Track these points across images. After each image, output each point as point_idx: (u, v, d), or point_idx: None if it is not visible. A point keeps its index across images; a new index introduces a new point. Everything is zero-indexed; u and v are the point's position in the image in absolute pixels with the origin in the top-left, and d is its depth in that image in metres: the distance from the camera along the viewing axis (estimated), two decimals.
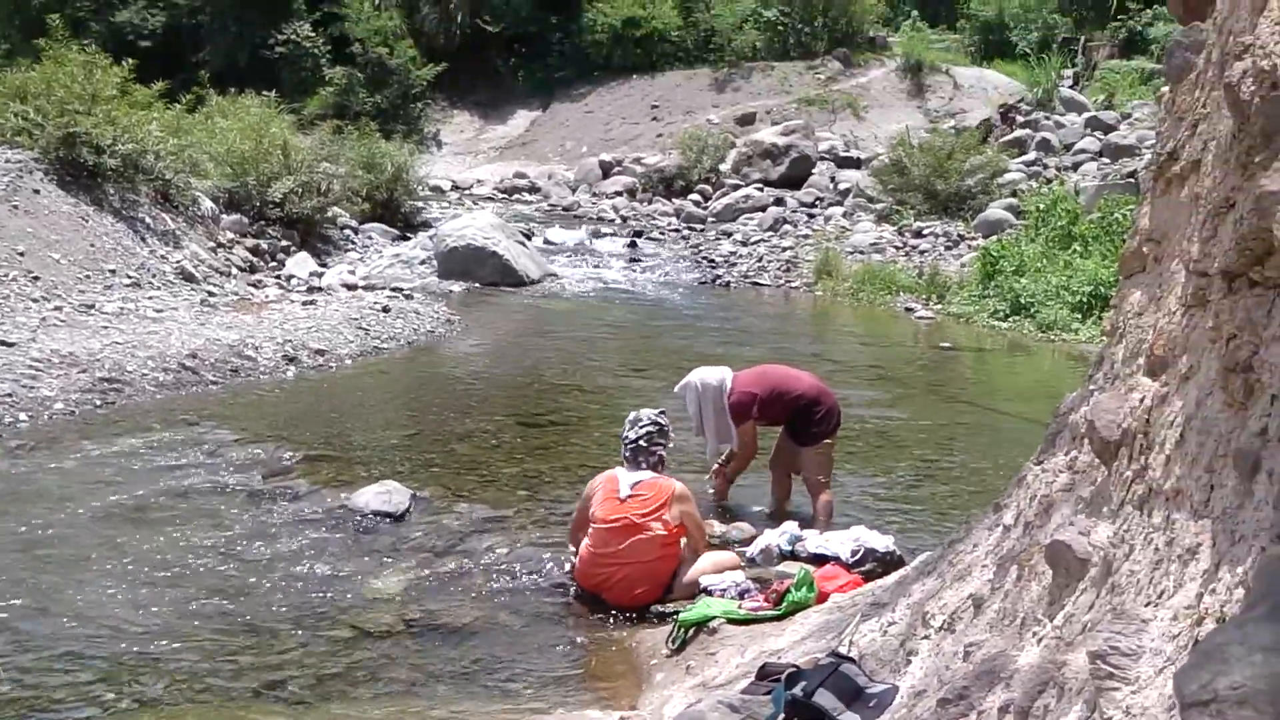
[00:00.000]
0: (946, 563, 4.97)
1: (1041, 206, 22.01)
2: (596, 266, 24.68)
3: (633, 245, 26.86)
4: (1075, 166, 28.22)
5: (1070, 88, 36.04)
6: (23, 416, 11.62)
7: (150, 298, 16.44)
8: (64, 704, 6.24)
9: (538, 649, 7.24)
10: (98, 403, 12.32)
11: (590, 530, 7.99)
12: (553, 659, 7.13)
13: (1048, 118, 32.80)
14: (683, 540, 7.97)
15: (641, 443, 8.10)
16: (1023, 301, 19.03)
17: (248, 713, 6.22)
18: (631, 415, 8.34)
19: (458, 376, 15.10)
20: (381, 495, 9.40)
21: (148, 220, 18.53)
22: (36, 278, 15.32)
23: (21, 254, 15.56)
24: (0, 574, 7.92)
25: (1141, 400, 3.39)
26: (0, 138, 18.99)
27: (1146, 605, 2.87)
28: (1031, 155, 29.97)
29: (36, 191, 17.01)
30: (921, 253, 24.53)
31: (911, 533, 9.07)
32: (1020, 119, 33.26)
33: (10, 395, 11.87)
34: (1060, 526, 3.74)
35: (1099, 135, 30.14)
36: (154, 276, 17.29)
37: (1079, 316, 18.20)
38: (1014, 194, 25.98)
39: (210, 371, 13.65)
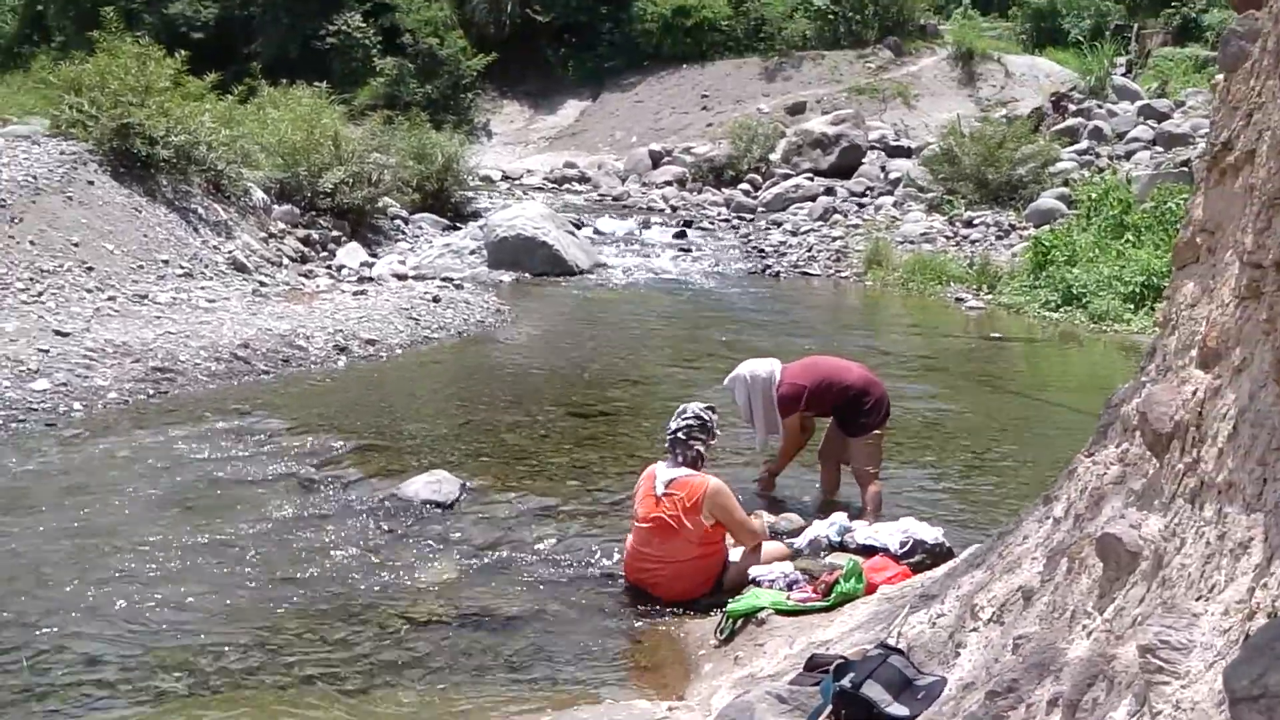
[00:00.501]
0: (996, 555, 4.95)
1: (1094, 196, 21.81)
2: (646, 256, 24.66)
3: (682, 235, 26.83)
4: (1128, 155, 27.98)
5: (1123, 75, 35.74)
6: (77, 406, 11.74)
7: (203, 288, 16.56)
8: (117, 691, 6.32)
9: (586, 639, 7.25)
10: (151, 392, 12.43)
11: (632, 527, 8.00)
12: (601, 649, 7.14)
13: (1100, 106, 32.51)
14: (728, 537, 7.96)
15: (680, 434, 8.06)
16: (1074, 292, 18.86)
17: (298, 701, 6.26)
18: (680, 407, 8.32)
19: (507, 366, 15.15)
20: (432, 485, 9.45)
21: (200, 211, 18.67)
22: (91, 268, 15.46)
23: (76, 245, 15.71)
24: (55, 562, 8.03)
25: (1194, 392, 3.37)
26: (55, 129, 19.20)
27: (1197, 599, 2.85)
28: (1084, 144, 29.72)
29: (91, 183, 17.16)
30: (972, 242, 24.40)
31: (961, 525, 9.03)
32: (1072, 107, 32.96)
33: (65, 385, 12.00)
34: (1111, 519, 3.72)
35: (1152, 124, 29.87)
36: (206, 267, 17.41)
37: (1131, 307, 18.03)
38: (1066, 183, 25.78)
39: (262, 361, 13.75)
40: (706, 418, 8.14)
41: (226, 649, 6.85)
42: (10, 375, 11.88)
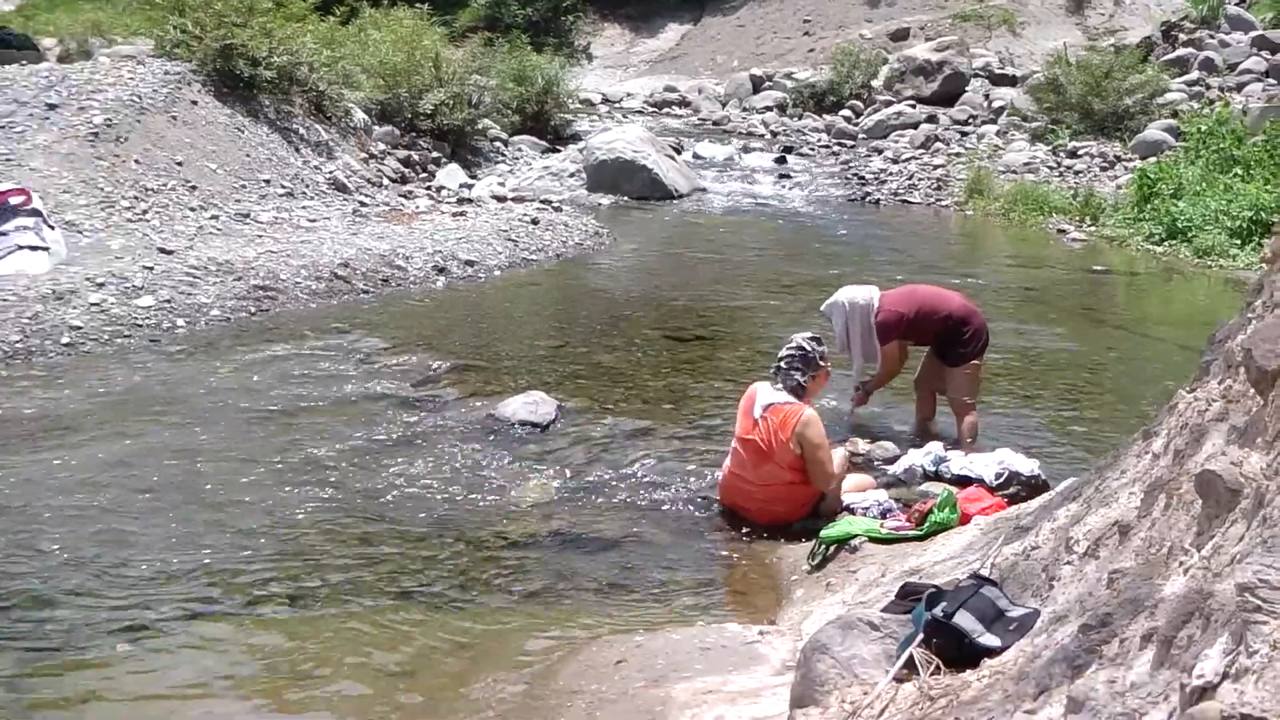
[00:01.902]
0: (1093, 488, 4.91)
1: (1203, 128, 21.38)
2: (745, 182, 24.56)
3: (782, 161, 26.68)
4: (1239, 87, 27.43)
5: (1237, 5, 34.89)
6: (180, 322, 11.94)
7: (304, 207, 16.74)
8: (219, 602, 6.47)
9: (679, 561, 7.31)
10: (252, 310, 12.61)
11: (730, 449, 8.02)
12: (694, 572, 7.19)
13: (1212, 36, 31.82)
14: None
15: (782, 364, 8.05)
16: (1179, 225, 18.55)
17: (396, 616, 6.37)
18: (789, 337, 8.29)
19: (604, 289, 15.19)
20: (528, 405, 9.52)
21: (301, 131, 18.82)
22: (194, 187, 15.67)
23: (180, 164, 15.91)
24: (156, 475, 8.19)
25: None
26: (160, 50, 19.40)
27: None
28: (1194, 75, 29.14)
29: (194, 103, 17.35)
30: (1076, 173, 24.07)
31: (1057, 457, 8.97)
32: (1183, 37, 32.32)
33: (169, 301, 12.20)
34: (1211, 456, 3.68)
35: (1266, 55, 29.22)
36: (307, 187, 17.58)
37: (1238, 242, 17.69)
38: (1174, 115, 25.33)
39: (361, 281, 13.88)
40: (810, 349, 8.05)
41: (325, 564, 6.99)
42: (116, 291, 12.09)
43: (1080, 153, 25.07)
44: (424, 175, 21.12)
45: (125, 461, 8.41)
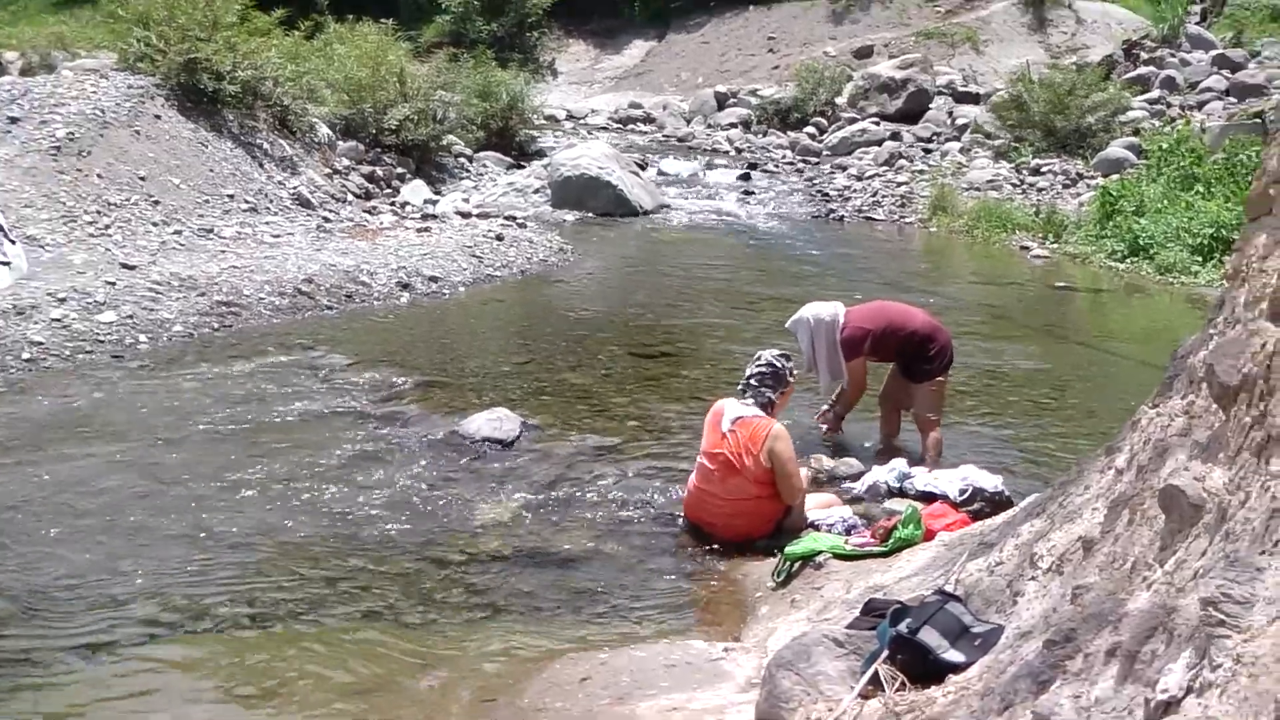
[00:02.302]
0: (1056, 504, 4.93)
1: (1164, 146, 21.52)
2: (710, 198, 24.57)
3: (747, 178, 26.71)
4: (1200, 105, 27.60)
5: (1197, 24, 35.11)
6: (143, 338, 11.89)
7: (267, 223, 16.69)
8: (178, 623, 6.43)
9: (644, 579, 7.30)
10: (215, 326, 12.56)
11: (697, 464, 8.01)
12: (658, 589, 7.18)
13: (1173, 55, 32.01)
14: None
15: (752, 380, 8.08)
16: (1141, 242, 18.66)
17: (358, 635, 6.34)
18: (756, 353, 8.31)
19: (570, 306, 15.16)
20: (492, 422, 9.50)
21: (265, 146, 18.77)
22: (157, 202, 15.61)
23: (143, 178, 15.85)
24: (118, 493, 8.15)
25: (1263, 346, 3.34)
26: (123, 63, 19.33)
27: (1261, 554, 2.84)
28: (1155, 93, 29.30)
29: (158, 117, 17.29)
30: (1039, 190, 24.17)
31: (1020, 474, 9.01)
32: (1144, 56, 32.51)
33: (131, 317, 12.15)
34: (1174, 471, 3.70)
35: (1226, 74, 29.42)
36: (271, 202, 17.53)
37: (1199, 259, 17.82)
38: (1136, 132, 25.48)
39: (325, 296, 13.85)
40: (779, 365, 8.10)
41: (286, 581, 6.96)
42: (78, 307, 12.05)
43: (1043, 170, 25.19)
44: (388, 191, 21.08)
45: (86, 478, 8.37)
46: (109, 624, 6.32)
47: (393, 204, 20.30)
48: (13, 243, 13.00)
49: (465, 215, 19.73)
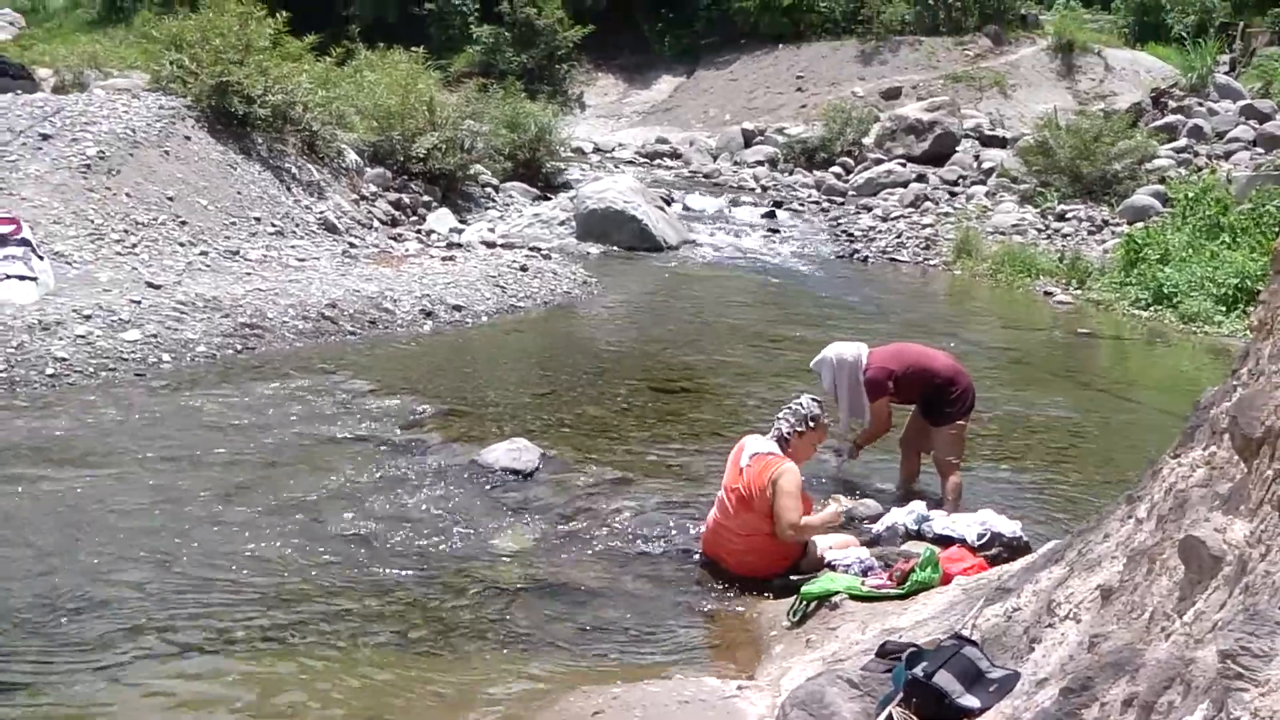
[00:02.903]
0: (1075, 552, 4.92)
1: (1190, 194, 21.47)
2: (735, 235, 24.57)
3: (772, 215, 26.75)
4: (1227, 155, 27.55)
5: (1226, 74, 35.06)
6: (166, 357, 11.94)
7: (293, 246, 16.77)
8: (194, 644, 6.45)
9: (659, 614, 7.29)
10: (238, 347, 12.60)
11: (717, 498, 8.02)
12: (673, 624, 7.18)
13: (1201, 104, 31.95)
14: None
15: (776, 417, 8.13)
16: (1165, 291, 18.62)
17: (373, 661, 6.36)
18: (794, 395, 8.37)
19: (592, 338, 15.21)
20: (512, 453, 9.51)
21: (294, 170, 18.86)
22: (184, 222, 15.70)
23: (171, 199, 15.95)
24: (138, 513, 8.20)
25: None
26: (155, 84, 19.48)
27: None
28: (1182, 141, 29.24)
29: (188, 138, 17.40)
30: (1064, 236, 24.15)
31: (1040, 520, 8.97)
32: (1172, 104, 32.46)
33: (155, 336, 12.20)
34: (1195, 522, 3.69)
35: (1254, 124, 29.38)
36: (297, 226, 17.60)
37: (1223, 309, 17.76)
38: (1162, 180, 25.43)
39: (349, 322, 13.88)
40: (805, 405, 8.14)
41: (301, 606, 6.98)
42: (103, 324, 12.10)
43: (1068, 216, 25.17)
44: (414, 218, 21.16)
45: (105, 496, 8.42)
46: (125, 644, 6.35)
47: (418, 232, 20.37)
48: (40, 258, 13.10)
49: (490, 245, 19.79)
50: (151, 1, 42.98)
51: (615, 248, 21.60)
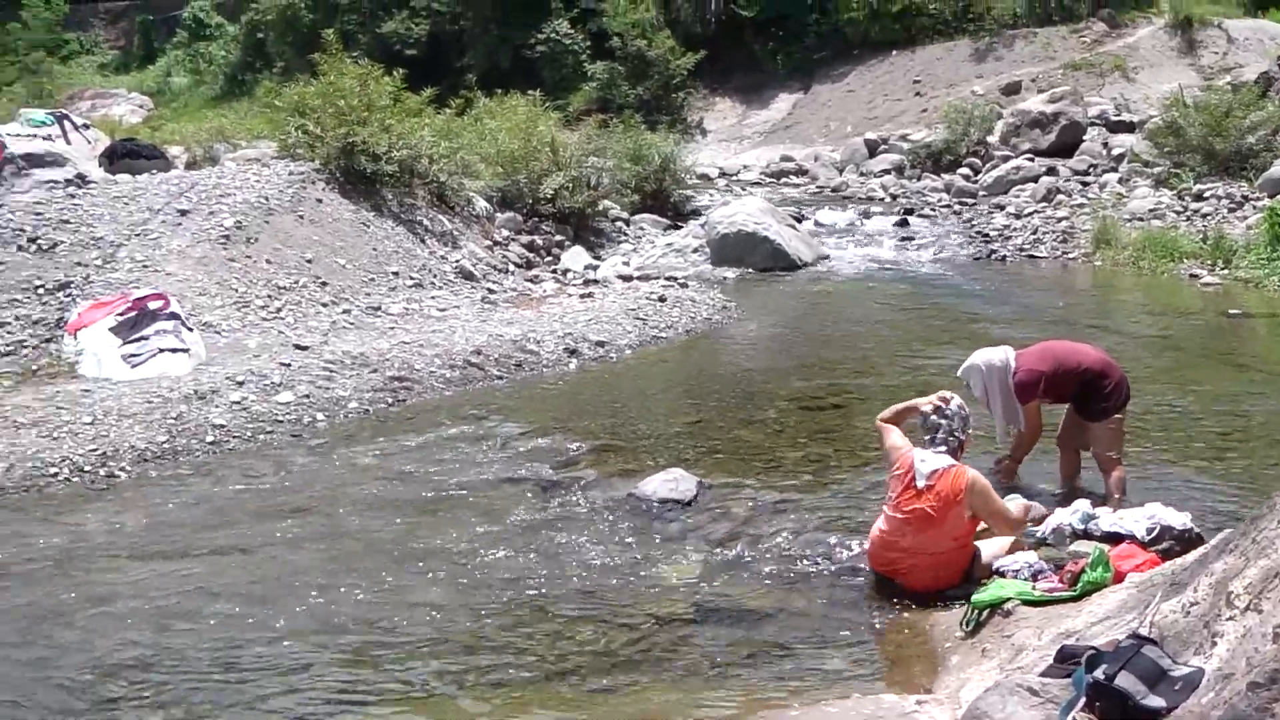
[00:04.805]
0: (1249, 540, 4.85)
1: None
2: (869, 246, 24.38)
3: (904, 223, 26.52)
4: None
5: None
6: (320, 416, 12.19)
7: (433, 297, 17.01)
8: (367, 686, 6.73)
9: (830, 632, 7.32)
10: (389, 401, 12.82)
11: (884, 514, 7.98)
12: (845, 642, 7.20)
13: None
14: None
15: (942, 425, 8.08)
16: None
17: (545, 698, 6.46)
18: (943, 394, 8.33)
19: (736, 362, 15.21)
20: (669, 483, 9.59)
21: (425, 222, 19.13)
22: (325, 283, 16.02)
23: (309, 261, 16.28)
24: (307, 567, 8.46)
25: None
26: (283, 151, 19.90)
27: None
28: None
29: (320, 200, 17.74)
30: (1203, 216, 23.64)
31: (1208, 510, 8.79)
32: None
33: (308, 396, 12.47)
34: None
35: None
36: (435, 276, 17.84)
37: None
38: None
39: (495, 367, 14.04)
40: (966, 410, 8.21)
41: (475, 646, 7.19)
42: (256, 389, 12.41)
43: (1206, 195, 24.64)
44: (549, 259, 21.34)
45: (275, 555, 8.72)
46: (302, 693, 6.63)
47: (554, 271, 20.55)
48: (190, 330, 13.48)
49: (626, 279, 19.88)
50: (271, 72, 44.01)
51: (750, 270, 21.54)
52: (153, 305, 13.50)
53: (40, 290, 14.69)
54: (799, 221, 24.70)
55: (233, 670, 6.93)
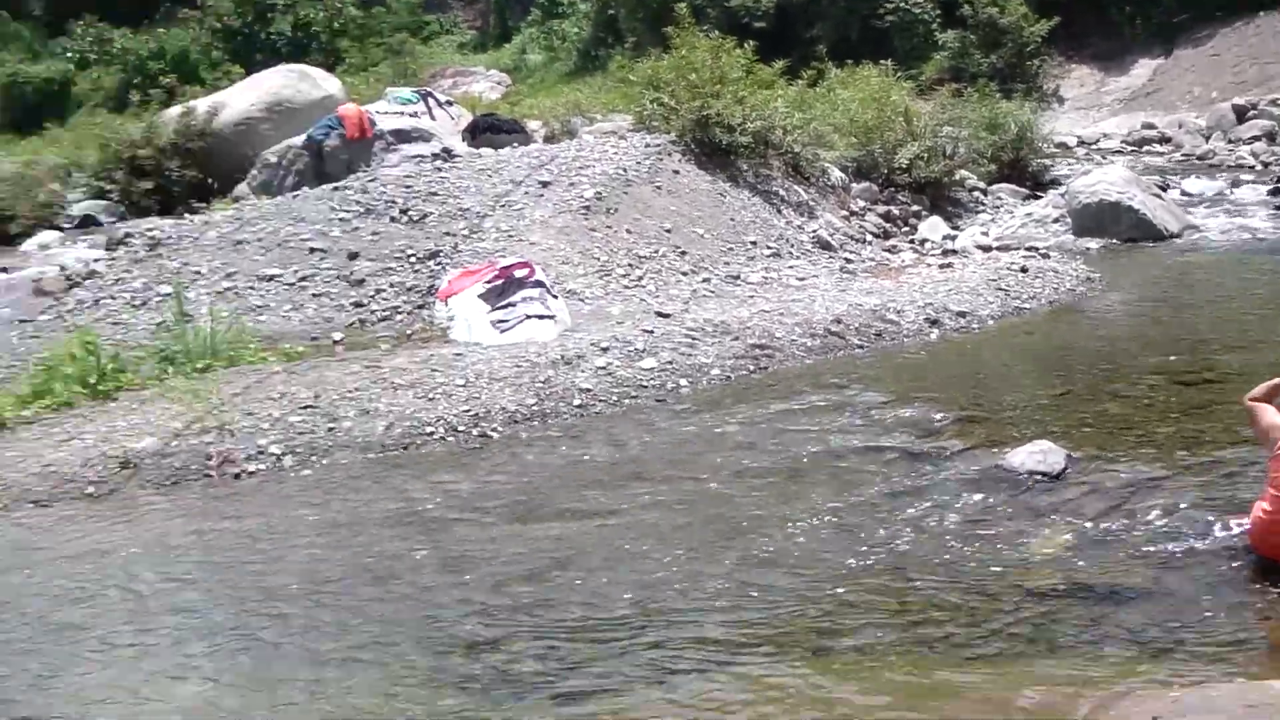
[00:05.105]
0: None
1: None
2: (1239, 217, 23.25)
3: (1277, 192, 25.34)
4: None
5: None
6: (683, 382, 12.38)
7: (791, 266, 17.08)
8: (740, 652, 6.79)
9: (1209, 614, 7.03)
10: (751, 368, 12.93)
11: (1269, 494, 7.59)
12: (1227, 626, 6.89)
13: None
14: None
15: None
16: None
17: (926, 668, 6.45)
18: None
19: (1103, 335, 14.79)
20: (1036, 455, 9.38)
21: (781, 193, 19.24)
22: (684, 252, 16.28)
23: (668, 230, 16.57)
24: (668, 530, 8.67)
25: None
26: (639, 124, 20.33)
27: None
28: None
29: (676, 172, 18.06)
30: None
31: None
32: None
33: (671, 363, 12.68)
34: None
35: None
36: (792, 246, 17.93)
37: None
38: None
39: (854, 336, 13.98)
40: None
41: (844, 613, 7.19)
42: (620, 355, 12.69)
43: None
44: (905, 229, 21.21)
45: (635, 518, 8.92)
46: (669, 647, 6.81)
47: (911, 241, 20.40)
48: (555, 297, 13.90)
49: (985, 249, 19.55)
50: (623, 47, 44.87)
51: (1114, 240, 20.86)
52: (519, 273, 13.96)
53: (412, 259, 15.43)
54: (1164, 191, 23.83)
55: (600, 627, 7.14)
